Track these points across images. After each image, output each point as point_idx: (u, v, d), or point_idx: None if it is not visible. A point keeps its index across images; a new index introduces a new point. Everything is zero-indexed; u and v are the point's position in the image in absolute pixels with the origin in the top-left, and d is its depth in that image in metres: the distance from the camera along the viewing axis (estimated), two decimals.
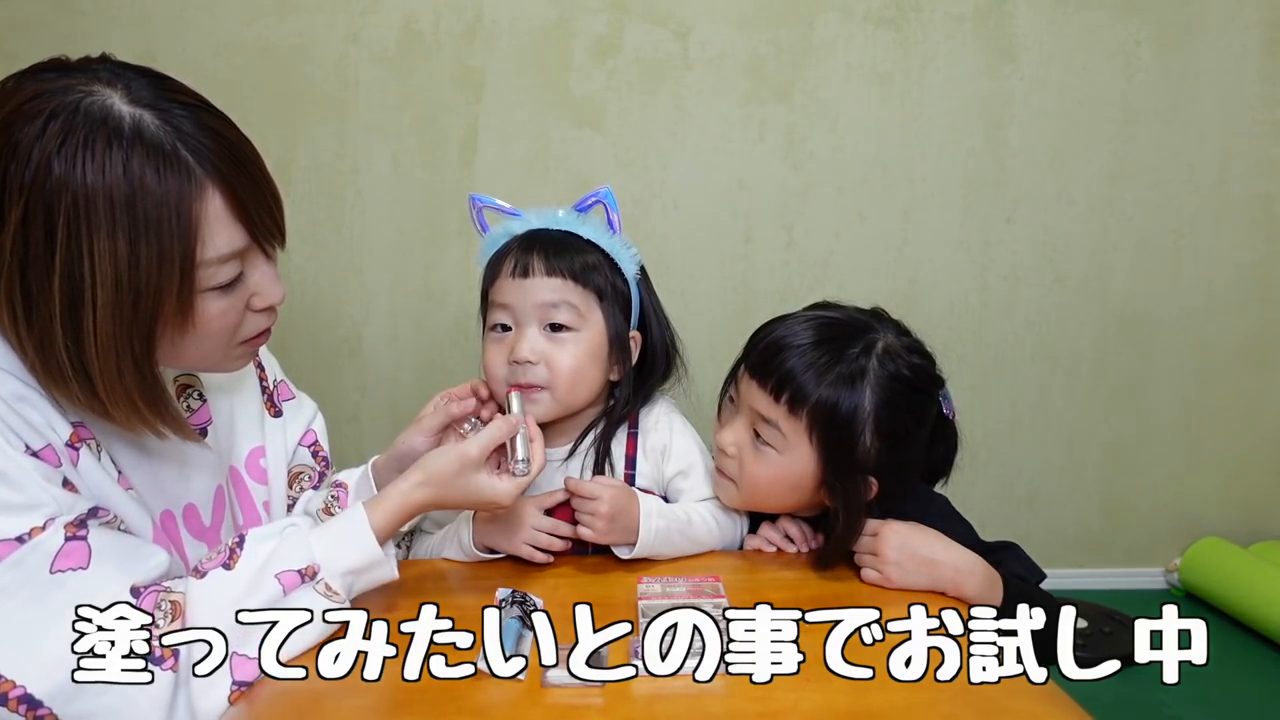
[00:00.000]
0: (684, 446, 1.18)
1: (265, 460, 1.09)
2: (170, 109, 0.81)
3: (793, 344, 1.04)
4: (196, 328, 0.84)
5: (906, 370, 1.05)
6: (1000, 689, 0.81)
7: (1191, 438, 2.24)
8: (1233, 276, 2.17)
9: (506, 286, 1.11)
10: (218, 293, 0.84)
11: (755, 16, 2.02)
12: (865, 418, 1.02)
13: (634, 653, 0.83)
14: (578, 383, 1.11)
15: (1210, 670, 2.04)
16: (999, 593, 1.00)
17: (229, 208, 0.82)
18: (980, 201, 2.12)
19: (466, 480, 0.94)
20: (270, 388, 1.14)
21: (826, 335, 1.05)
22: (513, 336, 1.11)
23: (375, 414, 2.13)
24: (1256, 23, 2.07)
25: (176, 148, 0.79)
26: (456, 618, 0.88)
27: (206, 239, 0.81)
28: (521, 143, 2.04)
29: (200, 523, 0.99)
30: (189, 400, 1.01)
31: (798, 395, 1.02)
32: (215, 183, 0.81)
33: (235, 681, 0.81)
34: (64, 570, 0.77)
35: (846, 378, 1.02)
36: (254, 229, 0.86)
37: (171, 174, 0.78)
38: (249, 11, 1.98)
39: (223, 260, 0.83)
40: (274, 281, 0.90)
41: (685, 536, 1.10)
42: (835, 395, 1.01)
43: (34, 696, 0.74)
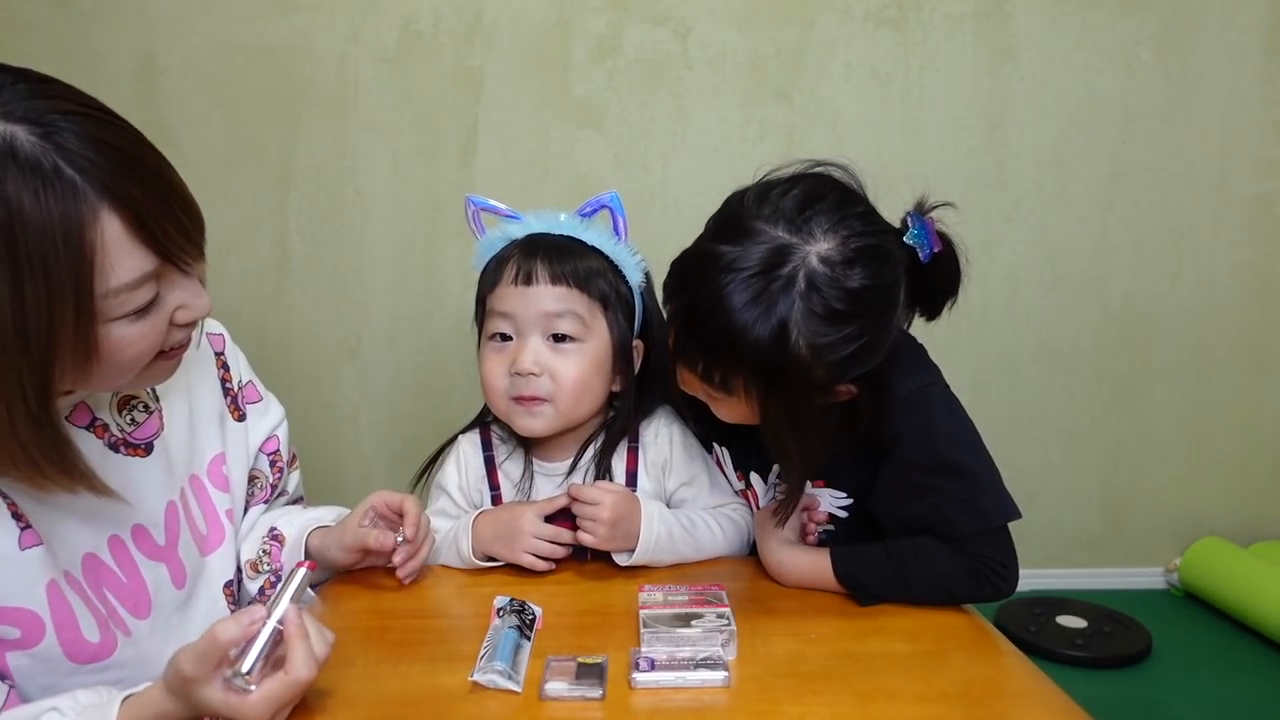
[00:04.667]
0: (685, 459, 1.16)
1: (227, 467, 1.03)
2: (50, 120, 0.70)
3: (706, 329, 0.90)
4: (109, 356, 0.76)
5: (839, 303, 0.88)
6: (1005, 698, 0.81)
7: (1191, 438, 2.24)
8: (1233, 276, 2.17)
9: (508, 294, 1.07)
10: (131, 319, 0.76)
11: (755, 16, 2.02)
12: (805, 365, 0.88)
13: (634, 664, 0.83)
14: (582, 395, 1.08)
15: (1210, 670, 2.06)
16: (826, 581, 1.01)
17: (130, 230, 0.72)
18: (980, 201, 2.12)
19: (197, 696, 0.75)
20: (235, 389, 1.08)
21: (739, 302, 0.88)
22: (514, 346, 1.08)
23: (375, 414, 2.13)
24: (1256, 23, 2.07)
25: (59, 167, 0.69)
26: (453, 627, 0.88)
27: (107, 267, 0.71)
28: (521, 143, 2.04)
29: (153, 542, 0.94)
30: (133, 413, 0.94)
31: (724, 379, 0.92)
32: (111, 203, 0.71)
33: None
34: None
35: (770, 344, 0.87)
36: (163, 249, 0.75)
37: (55, 198, 0.68)
38: (249, 11, 1.98)
39: (132, 287, 0.74)
40: (198, 294, 0.82)
41: (687, 543, 1.08)
42: (761, 373, 0.90)
43: None
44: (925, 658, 0.88)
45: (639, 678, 0.81)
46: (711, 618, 0.89)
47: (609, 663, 0.84)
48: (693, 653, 0.84)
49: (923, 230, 0.99)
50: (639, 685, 0.81)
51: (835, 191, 0.95)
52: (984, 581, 0.98)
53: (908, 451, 0.99)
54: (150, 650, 0.91)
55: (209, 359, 1.06)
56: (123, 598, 0.90)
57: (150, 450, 0.95)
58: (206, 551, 1.00)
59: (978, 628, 0.95)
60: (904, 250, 0.96)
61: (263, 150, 2.02)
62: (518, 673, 0.82)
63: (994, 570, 0.98)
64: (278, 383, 1.22)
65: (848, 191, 0.97)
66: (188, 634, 0.94)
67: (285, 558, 1.06)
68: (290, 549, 1.06)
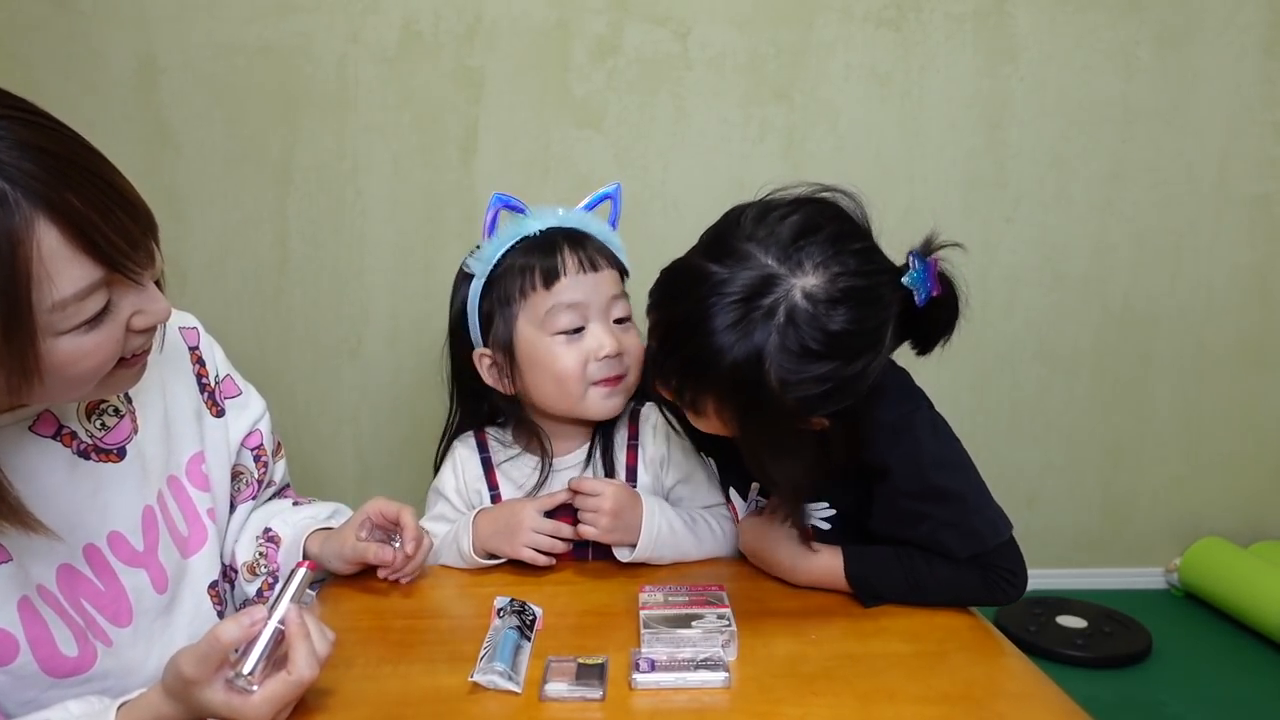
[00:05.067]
0: (683, 456, 1.18)
1: (206, 466, 1.01)
2: None
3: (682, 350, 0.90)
4: (62, 370, 0.73)
5: (816, 343, 0.85)
6: (1005, 698, 0.81)
7: (1191, 438, 2.24)
8: (1232, 276, 2.17)
9: (575, 284, 1.07)
10: (83, 330, 0.73)
11: (755, 16, 2.02)
12: (774, 398, 0.86)
13: (635, 664, 0.83)
14: (640, 366, 1.13)
15: (1210, 670, 2.06)
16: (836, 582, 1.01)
17: (69, 240, 0.69)
18: (980, 201, 2.12)
19: (197, 697, 0.74)
20: (212, 384, 1.05)
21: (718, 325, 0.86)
22: (585, 336, 1.08)
23: (375, 414, 2.13)
24: (1256, 23, 2.07)
25: None
26: (454, 627, 0.88)
27: (46, 280, 0.68)
28: (521, 143, 2.04)
29: (131, 549, 0.92)
30: (103, 418, 0.92)
31: (694, 399, 0.91)
32: (46, 212, 0.67)
33: None
34: None
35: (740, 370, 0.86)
36: (108, 257, 0.71)
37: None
38: (249, 11, 1.97)
39: (79, 298, 0.71)
40: (153, 299, 0.78)
41: (688, 539, 1.09)
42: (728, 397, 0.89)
43: None
44: (926, 658, 0.88)
45: (639, 678, 0.81)
46: (712, 618, 0.89)
47: (609, 663, 0.84)
48: (693, 653, 0.84)
49: (924, 272, 0.94)
50: (639, 686, 0.81)
51: (834, 223, 0.92)
52: (996, 588, 0.99)
53: (897, 480, 0.99)
54: (133, 659, 0.90)
55: (182, 355, 1.03)
56: (102, 607, 0.89)
57: (123, 455, 0.93)
58: (188, 554, 0.98)
59: (978, 628, 0.95)
60: (898, 293, 0.92)
61: (263, 150, 2.02)
62: (518, 673, 0.82)
63: (1003, 577, 0.99)
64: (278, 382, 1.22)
65: (847, 223, 0.93)
66: (172, 639, 0.93)
67: (282, 559, 1.05)
68: (287, 550, 1.05)
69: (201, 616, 0.98)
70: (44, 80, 1.95)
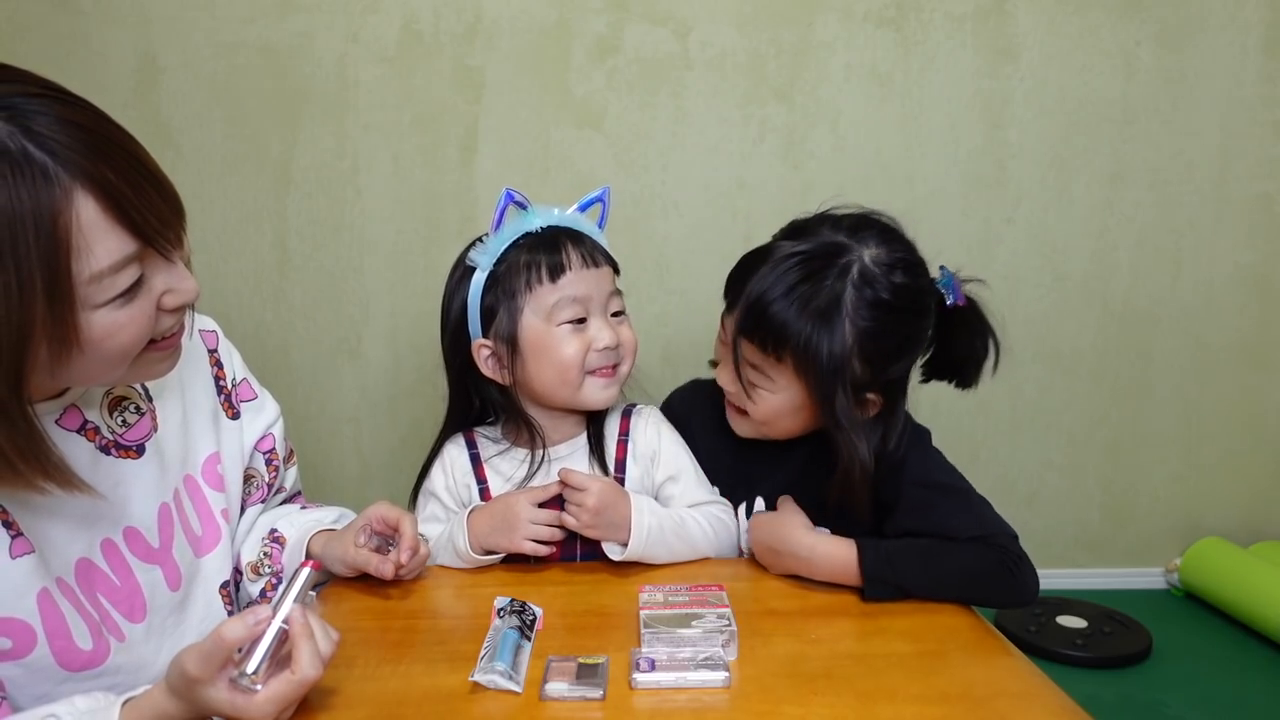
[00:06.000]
0: (673, 452, 1.20)
1: (222, 466, 1.03)
2: (15, 104, 0.68)
3: (769, 296, 1.04)
4: (96, 345, 0.74)
5: (886, 294, 1.04)
6: (1006, 698, 0.81)
7: (1191, 438, 2.24)
8: (1233, 276, 2.17)
9: (579, 279, 1.12)
10: (118, 303, 0.74)
11: (755, 16, 2.02)
12: (849, 349, 1.03)
13: (635, 664, 0.83)
14: (635, 354, 1.18)
15: (1210, 670, 2.06)
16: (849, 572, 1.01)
17: (106, 212, 0.71)
18: (980, 201, 2.12)
19: (199, 695, 0.74)
20: (229, 387, 1.07)
21: (800, 276, 1.04)
22: (587, 328, 1.13)
23: (375, 414, 2.13)
24: (1256, 23, 2.07)
25: (28, 150, 0.67)
26: (454, 627, 0.88)
27: (85, 251, 0.70)
28: (521, 143, 2.04)
29: (146, 545, 0.93)
30: (124, 415, 0.93)
31: (779, 343, 1.05)
32: (84, 185, 0.70)
33: None
34: None
35: (823, 315, 1.02)
36: (142, 231, 0.74)
37: (24, 183, 0.67)
38: (249, 11, 1.97)
39: (114, 270, 0.73)
40: (183, 278, 0.80)
41: (679, 538, 1.10)
42: (814, 337, 1.03)
43: None
44: (926, 658, 0.88)
45: (639, 678, 0.81)
46: (712, 618, 0.89)
47: (609, 663, 0.84)
48: (693, 653, 0.84)
49: (949, 281, 1.15)
50: (639, 686, 0.81)
51: (884, 221, 1.13)
52: (1012, 573, 1.01)
53: (910, 471, 1.09)
54: (145, 655, 0.91)
55: (201, 356, 1.05)
56: (116, 602, 0.90)
57: (142, 452, 0.94)
58: (201, 552, 1.00)
59: (978, 628, 0.95)
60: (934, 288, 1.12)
61: (263, 150, 2.02)
62: (518, 673, 0.82)
63: (1016, 562, 1.01)
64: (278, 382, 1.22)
65: (894, 226, 1.14)
66: (183, 637, 0.94)
67: (286, 560, 1.06)
68: (291, 551, 1.06)
69: (212, 615, 0.99)
70: None
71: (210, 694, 0.74)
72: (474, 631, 0.89)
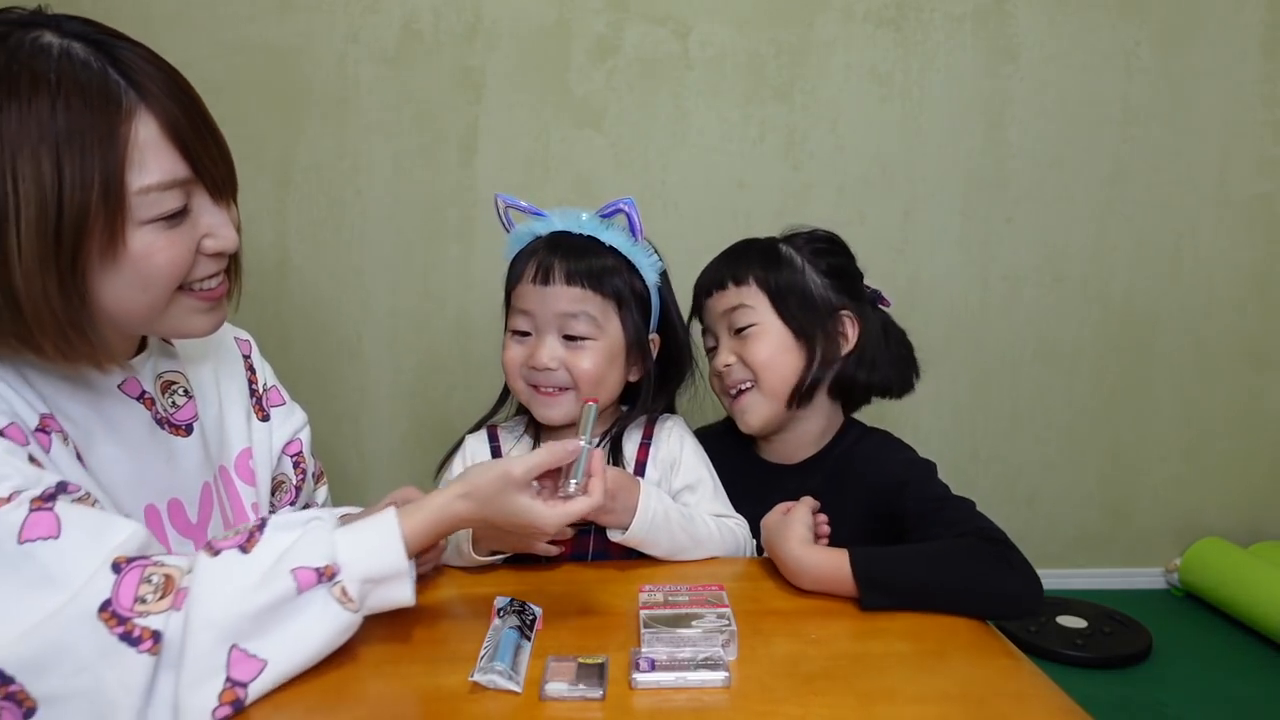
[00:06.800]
0: (693, 463, 1.20)
1: (253, 462, 1.08)
2: (103, 40, 0.81)
3: (720, 260, 1.30)
4: (136, 262, 0.82)
5: (807, 229, 1.31)
6: (1005, 698, 0.81)
7: (1191, 438, 2.24)
8: (1233, 276, 2.17)
9: (528, 292, 1.14)
10: (160, 225, 0.83)
11: (755, 16, 2.02)
12: (802, 261, 1.25)
13: (635, 664, 0.83)
14: (599, 383, 1.14)
15: (1210, 670, 2.06)
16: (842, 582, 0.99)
17: (165, 135, 0.81)
18: (980, 201, 2.12)
19: (506, 498, 0.88)
20: (260, 391, 1.13)
21: (737, 246, 1.32)
22: (533, 341, 1.14)
23: (375, 414, 2.13)
24: (1256, 23, 2.07)
25: (105, 69, 0.79)
26: (454, 627, 0.88)
27: (139, 163, 0.80)
28: (521, 143, 2.04)
29: (186, 518, 0.97)
30: (174, 397, 1.00)
31: (740, 270, 1.24)
32: (149, 107, 0.80)
33: (230, 679, 0.75)
34: (33, 540, 0.73)
35: (770, 246, 1.28)
36: (195, 160, 0.84)
37: (98, 94, 0.78)
38: (249, 11, 1.98)
39: (162, 188, 0.82)
40: (226, 224, 0.88)
41: (685, 531, 1.09)
42: (766, 250, 1.26)
43: (4, 671, 0.70)
44: (926, 658, 0.88)
45: (639, 678, 0.81)
46: (712, 618, 0.89)
47: (609, 663, 0.84)
48: (693, 653, 0.84)
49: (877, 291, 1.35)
50: (639, 685, 0.81)
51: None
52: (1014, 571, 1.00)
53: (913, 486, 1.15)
54: None
55: (237, 359, 1.12)
56: None
57: (190, 431, 1.00)
58: None
59: (978, 628, 0.95)
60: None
61: (263, 150, 2.02)
62: (518, 673, 0.82)
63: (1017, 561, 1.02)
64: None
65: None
66: None
67: None
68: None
69: None
70: None
71: (519, 498, 0.88)
72: (474, 631, 0.88)
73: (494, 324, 2.09)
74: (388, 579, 0.83)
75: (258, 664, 0.76)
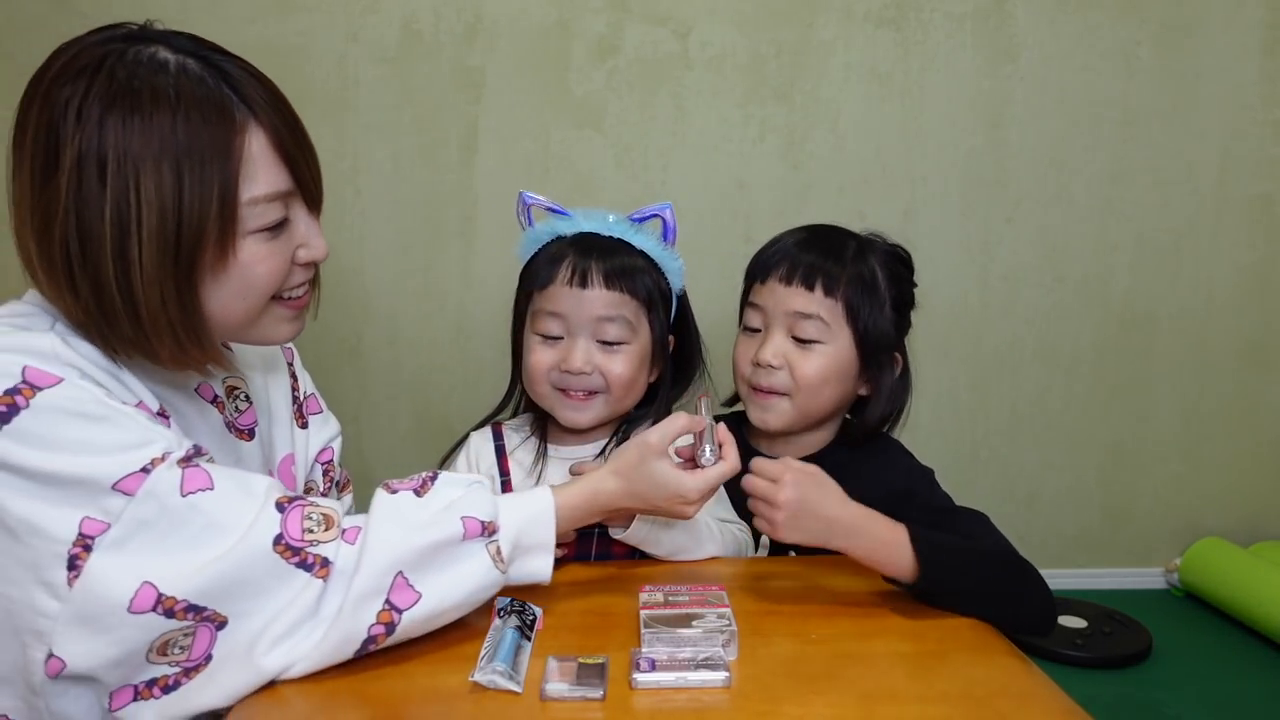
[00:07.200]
0: None
1: (295, 468, 1.11)
2: (212, 56, 0.85)
3: (806, 245, 1.18)
4: (241, 271, 0.85)
5: (888, 245, 1.22)
6: (1006, 698, 0.81)
7: (1191, 438, 2.24)
8: (1233, 276, 2.17)
9: (561, 294, 1.11)
10: (264, 235, 0.86)
11: (755, 16, 2.02)
12: (883, 288, 1.17)
13: (635, 664, 0.83)
14: (629, 390, 1.14)
15: (1210, 670, 2.06)
16: (897, 554, 0.95)
17: (272, 147, 0.85)
18: (980, 201, 2.12)
19: (650, 467, 0.94)
20: (300, 399, 1.16)
21: (825, 233, 1.21)
22: (564, 345, 1.12)
23: (375, 414, 2.13)
24: (1256, 23, 2.07)
25: (220, 86, 0.83)
26: (454, 627, 0.88)
27: (249, 175, 0.83)
28: (521, 143, 2.04)
29: None
30: (237, 402, 1.03)
31: (831, 280, 1.14)
32: (259, 122, 0.84)
33: (389, 602, 0.82)
34: (194, 492, 0.80)
35: (859, 255, 1.17)
36: (298, 172, 0.88)
37: (214, 109, 0.82)
38: (249, 11, 1.97)
39: (268, 199, 0.85)
40: (318, 234, 0.93)
41: (685, 529, 1.07)
42: (858, 269, 1.16)
43: (193, 603, 0.78)
44: (926, 658, 0.88)
45: (639, 678, 0.81)
46: (712, 618, 0.89)
47: (609, 663, 0.84)
48: (693, 653, 0.84)
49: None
50: (639, 685, 0.81)
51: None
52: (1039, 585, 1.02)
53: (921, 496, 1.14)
54: None
55: (282, 366, 1.14)
56: None
57: (253, 436, 1.03)
58: None
59: (978, 628, 0.95)
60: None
61: None
62: (518, 673, 0.82)
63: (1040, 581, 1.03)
64: None
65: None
66: None
67: None
68: None
69: None
70: None
71: (661, 464, 0.94)
72: (474, 631, 0.89)
73: (494, 324, 2.09)
74: (534, 549, 0.90)
75: (414, 595, 0.83)
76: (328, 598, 0.81)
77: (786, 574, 1.08)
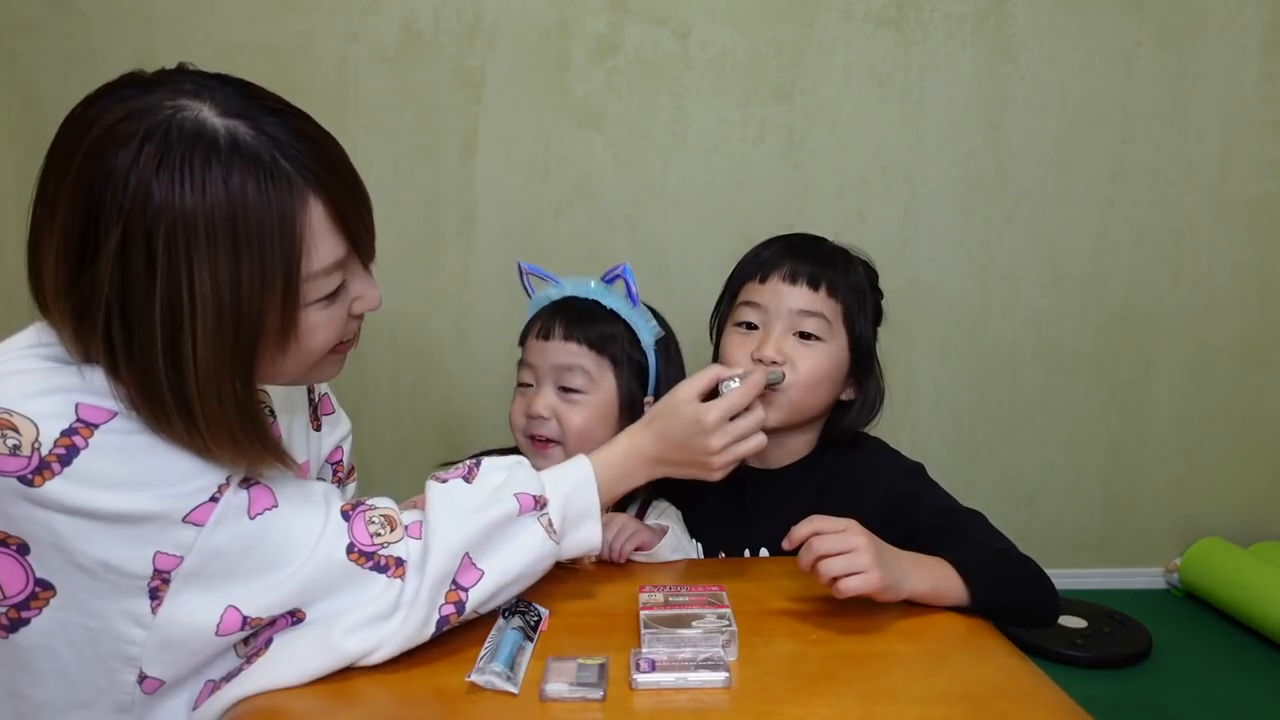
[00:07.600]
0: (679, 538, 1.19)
1: (310, 475, 1.09)
2: (261, 118, 0.78)
3: (802, 250, 1.19)
4: (300, 342, 0.81)
5: (862, 259, 1.24)
6: (1006, 698, 0.81)
7: (1191, 438, 2.24)
8: (1232, 276, 2.17)
9: (532, 347, 1.21)
10: (322, 304, 0.82)
11: (755, 16, 2.02)
12: (868, 297, 1.20)
13: (635, 664, 0.83)
14: (586, 440, 1.16)
15: (1210, 670, 2.06)
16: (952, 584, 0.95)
17: (330, 217, 0.79)
18: (980, 201, 2.12)
19: (674, 401, 0.98)
20: (315, 400, 1.14)
21: (814, 241, 1.23)
22: (532, 393, 1.20)
23: (375, 414, 2.13)
24: (1256, 23, 2.07)
25: (275, 158, 0.76)
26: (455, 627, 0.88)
27: (310, 251, 0.78)
28: (521, 143, 2.04)
29: None
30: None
31: (834, 283, 1.16)
32: (316, 192, 0.78)
33: (455, 583, 0.85)
34: (262, 512, 0.80)
35: (848, 264, 1.20)
36: (354, 236, 0.82)
37: (273, 186, 0.75)
38: (249, 11, 1.97)
39: (327, 272, 0.80)
40: (373, 285, 0.88)
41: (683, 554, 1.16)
42: (853, 278, 1.18)
43: (279, 615, 0.81)
44: (926, 658, 0.88)
45: (639, 679, 0.81)
46: (712, 619, 0.89)
47: (609, 664, 0.84)
48: (693, 654, 0.84)
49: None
50: (639, 686, 0.81)
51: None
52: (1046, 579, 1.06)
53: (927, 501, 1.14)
54: None
55: None
56: None
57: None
58: None
59: (978, 628, 0.95)
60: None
61: None
62: (516, 674, 0.82)
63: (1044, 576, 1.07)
64: None
65: None
66: None
67: None
68: None
69: None
70: (44, 80, 1.95)
71: (689, 408, 0.97)
72: (476, 631, 0.89)
73: (494, 324, 2.10)
74: (582, 518, 0.94)
75: (477, 573, 0.86)
76: (406, 591, 0.84)
77: (786, 574, 1.08)
